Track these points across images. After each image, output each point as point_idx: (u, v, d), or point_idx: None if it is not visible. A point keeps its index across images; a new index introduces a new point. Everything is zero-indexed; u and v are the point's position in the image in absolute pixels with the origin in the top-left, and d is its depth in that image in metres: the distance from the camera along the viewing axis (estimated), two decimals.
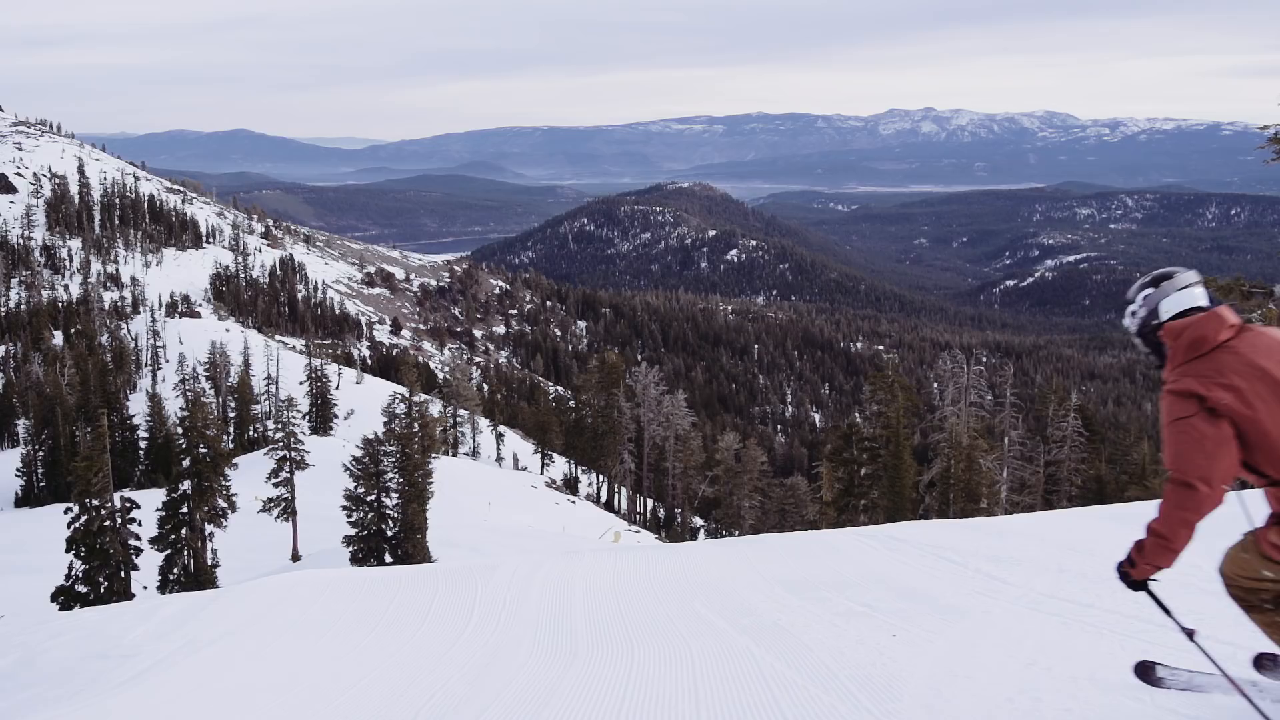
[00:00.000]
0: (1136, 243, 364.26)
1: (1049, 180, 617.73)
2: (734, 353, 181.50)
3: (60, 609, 29.53)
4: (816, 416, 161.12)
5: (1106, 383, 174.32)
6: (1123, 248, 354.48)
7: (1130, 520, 10.41)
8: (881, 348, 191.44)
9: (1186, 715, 4.45)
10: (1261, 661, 4.22)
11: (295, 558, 42.95)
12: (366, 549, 36.40)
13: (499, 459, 78.88)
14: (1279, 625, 3.87)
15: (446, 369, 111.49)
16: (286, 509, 43.47)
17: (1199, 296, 3.74)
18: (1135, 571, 3.94)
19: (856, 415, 67.35)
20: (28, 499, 67.30)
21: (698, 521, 69.38)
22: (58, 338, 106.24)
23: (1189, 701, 4.48)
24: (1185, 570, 4.93)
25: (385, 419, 46.80)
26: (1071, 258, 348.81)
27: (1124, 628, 6.32)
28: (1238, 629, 4.52)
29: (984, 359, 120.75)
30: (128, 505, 32.67)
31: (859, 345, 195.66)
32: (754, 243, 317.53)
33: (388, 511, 37.25)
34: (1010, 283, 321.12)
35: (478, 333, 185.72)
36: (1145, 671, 4.53)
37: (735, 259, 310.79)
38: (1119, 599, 7.10)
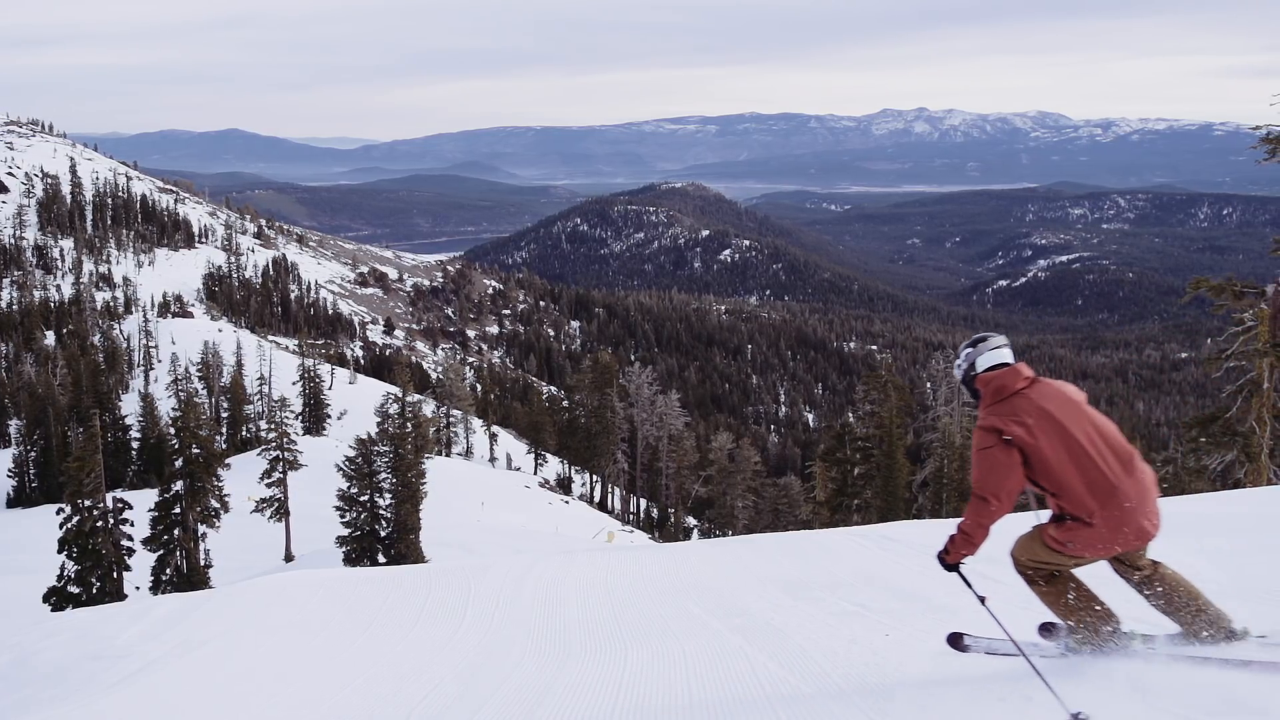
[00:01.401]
0: (1129, 243, 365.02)
1: (1042, 180, 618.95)
2: (727, 353, 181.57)
3: (53, 610, 29.47)
4: (810, 416, 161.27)
5: (1099, 382, 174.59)
6: (1115, 248, 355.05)
7: None
8: (875, 348, 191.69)
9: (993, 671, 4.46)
10: (1043, 629, 5.36)
11: (288, 558, 42.90)
12: (360, 549, 36.38)
13: (492, 459, 78.86)
14: (1051, 596, 5.06)
15: (440, 369, 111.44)
16: (279, 509, 43.43)
17: (1006, 355, 4.92)
18: (949, 558, 5.05)
19: (850, 415, 67.35)
20: (20, 499, 67.15)
21: (691, 521, 69.44)
22: (50, 338, 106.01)
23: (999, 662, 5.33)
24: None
25: (378, 419, 46.81)
26: (1064, 258, 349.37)
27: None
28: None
29: None
30: (120, 506, 32.62)
31: (852, 345, 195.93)
32: (747, 243, 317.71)
33: (381, 512, 37.24)
34: (1003, 283, 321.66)
35: (471, 333, 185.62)
36: (955, 640, 5.54)
37: (728, 259, 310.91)
38: (1115, 598, 7.12)
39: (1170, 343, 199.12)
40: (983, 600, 5.00)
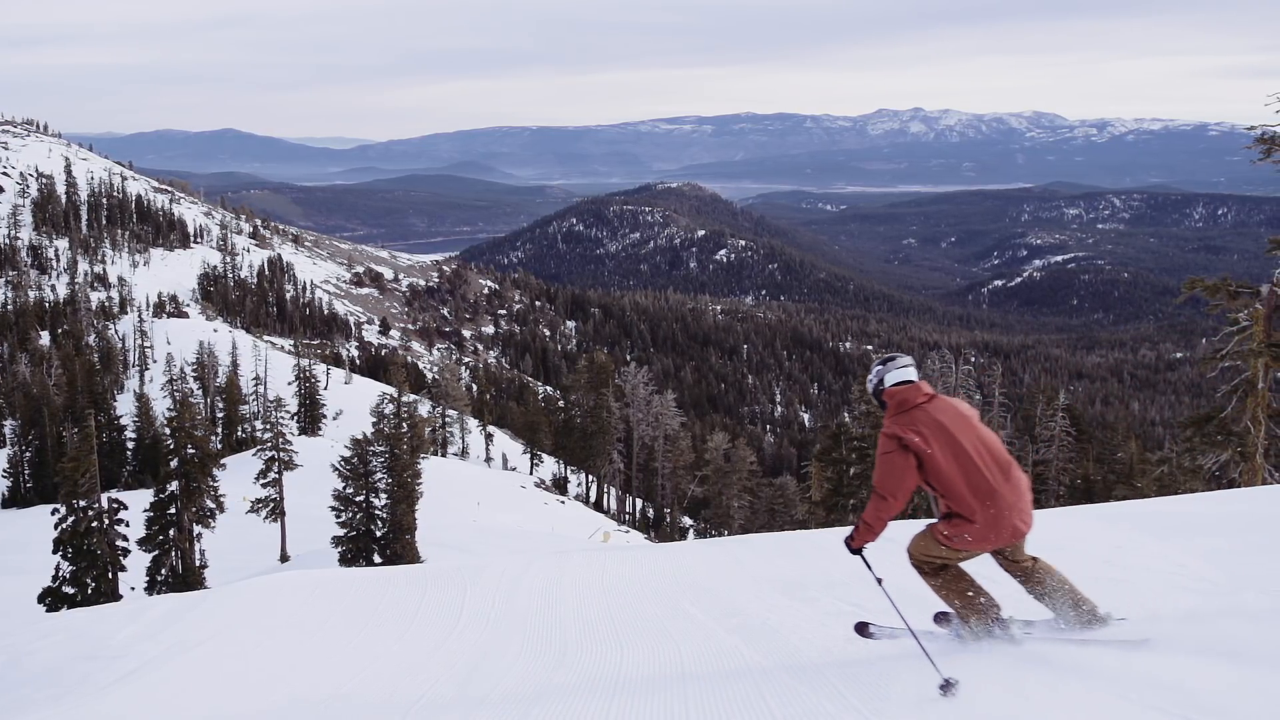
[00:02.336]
0: (1124, 243, 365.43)
1: (1037, 180, 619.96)
2: (723, 353, 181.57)
3: (47, 610, 29.42)
4: (806, 416, 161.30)
5: (1094, 382, 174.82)
6: (1110, 248, 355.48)
7: (1118, 519, 10.44)
8: (870, 348, 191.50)
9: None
10: (938, 618, 6.07)
11: (284, 558, 42.86)
12: (355, 549, 36.35)
13: (488, 459, 78.81)
14: (942, 587, 5.71)
15: (435, 369, 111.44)
16: (275, 509, 43.38)
17: (910, 374, 5.57)
18: (853, 544, 5.75)
19: (845, 415, 67.46)
20: (14, 500, 67.04)
21: (687, 521, 69.43)
22: (44, 338, 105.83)
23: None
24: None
25: (374, 419, 46.79)
26: (1059, 258, 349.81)
27: (1109, 628, 6.33)
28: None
29: (972, 359, 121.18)
30: (115, 506, 32.58)
31: (848, 345, 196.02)
32: (743, 243, 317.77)
33: (376, 512, 37.21)
34: (998, 283, 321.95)
35: (466, 333, 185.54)
36: (861, 629, 6.30)
37: (724, 259, 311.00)
38: (1107, 598, 7.12)
39: (1165, 343, 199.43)
40: (879, 581, 5.80)
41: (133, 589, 34.37)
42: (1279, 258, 20.83)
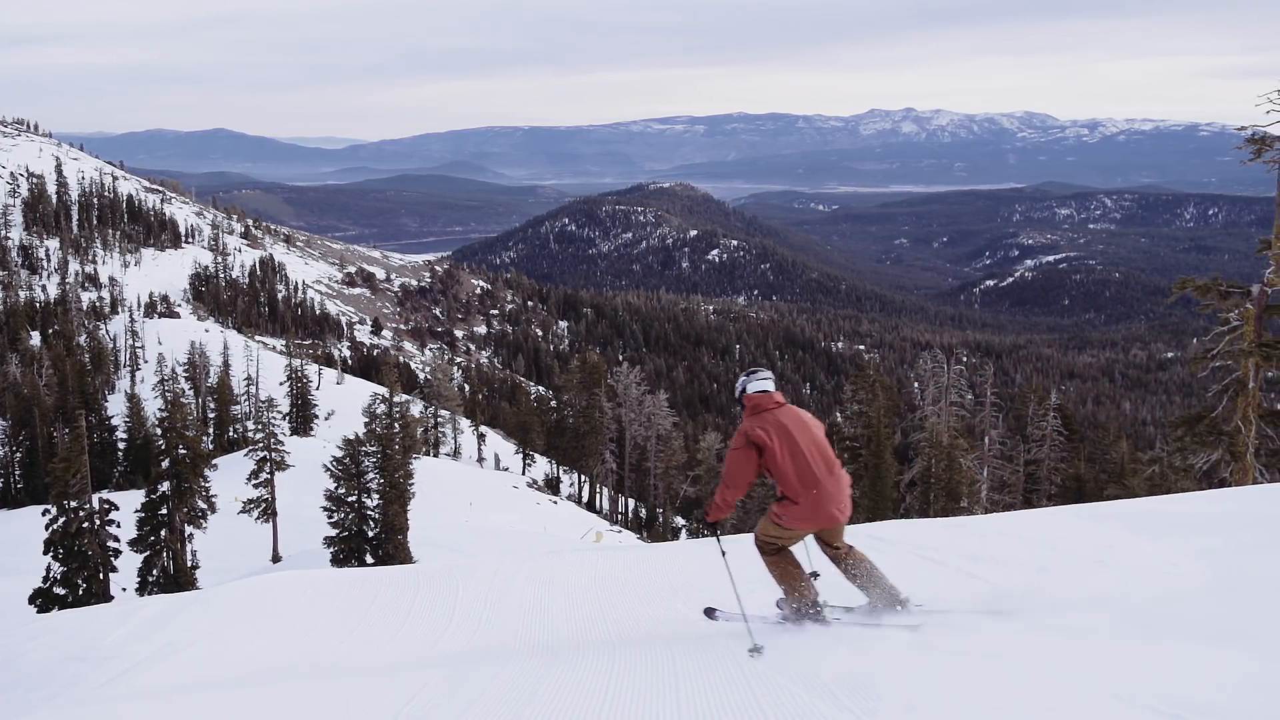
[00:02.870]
0: (1115, 243, 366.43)
1: (1028, 180, 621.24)
2: (715, 352, 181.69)
3: (38, 611, 29.35)
4: None
5: (1086, 382, 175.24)
6: (1102, 248, 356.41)
7: (1109, 519, 10.46)
8: (862, 347, 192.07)
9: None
10: (779, 603, 7.03)
11: (276, 559, 42.80)
12: (347, 550, 36.28)
13: (480, 459, 78.72)
14: (776, 569, 6.87)
15: (427, 369, 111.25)
16: (267, 510, 43.31)
17: (767, 385, 6.80)
18: (708, 518, 7.05)
19: (838, 415, 67.43)
20: (5, 500, 66.90)
21: (679, 521, 69.40)
22: (35, 338, 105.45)
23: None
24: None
25: (366, 419, 46.71)
26: (1051, 258, 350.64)
27: (1100, 626, 6.35)
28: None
29: (964, 359, 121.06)
30: (106, 507, 32.51)
31: (840, 345, 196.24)
32: (735, 243, 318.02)
33: (368, 512, 37.14)
34: (990, 283, 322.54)
35: (459, 333, 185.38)
36: (709, 613, 7.53)
37: (716, 259, 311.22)
38: (1098, 597, 7.14)
39: (1156, 342, 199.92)
40: (724, 554, 7.38)
41: (124, 590, 34.30)
42: (1269, 258, 20.90)
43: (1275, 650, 5.47)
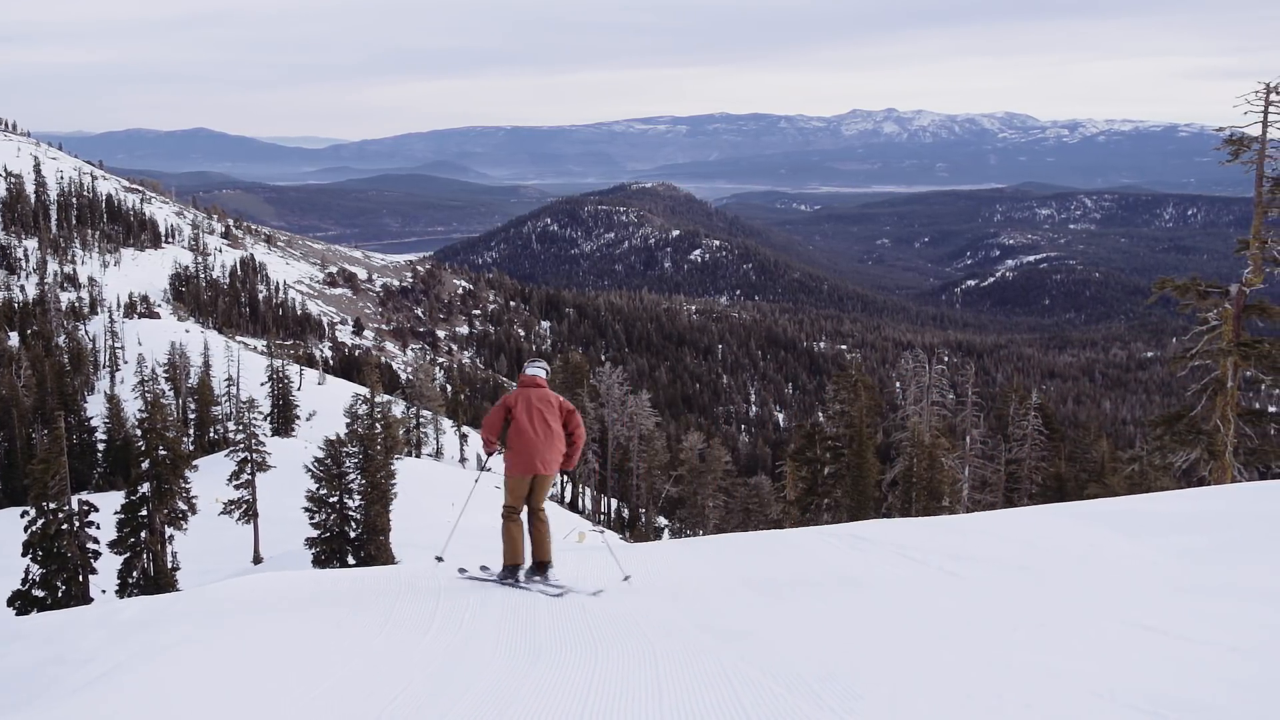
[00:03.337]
0: (1095, 243, 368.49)
1: (1009, 181, 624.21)
2: (698, 353, 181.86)
3: (17, 614, 29.14)
4: (780, 416, 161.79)
5: (1066, 381, 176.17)
6: (1082, 248, 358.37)
7: (1090, 518, 10.50)
8: (844, 347, 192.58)
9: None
10: (481, 567, 10.04)
11: (257, 560, 42.63)
12: (329, 551, 36.17)
13: (463, 460, 78.61)
14: (506, 534, 9.48)
15: (409, 369, 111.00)
16: (248, 511, 43.14)
17: (537, 371, 9.31)
18: (483, 450, 9.53)
19: (820, 415, 67.65)
20: None
21: (662, 521, 69.43)
22: (13, 339, 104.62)
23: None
24: None
25: (347, 420, 46.60)
26: (1031, 258, 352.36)
27: (1082, 625, 6.37)
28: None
29: (946, 358, 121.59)
30: (86, 508, 32.31)
31: (822, 345, 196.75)
32: (717, 243, 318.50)
33: (350, 513, 37.05)
34: (971, 282, 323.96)
35: (441, 333, 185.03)
36: (460, 571, 9.91)
37: (699, 259, 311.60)
38: (1078, 595, 7.16)
39: (1136, 342, 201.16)
40: (476, 481, 11.59)
41: (104, 592, 34.09)
42: (1247, 258, 21.03)
43: (1254, 648, 5.50)
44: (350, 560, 36.03)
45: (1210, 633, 5.82)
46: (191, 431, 79.72)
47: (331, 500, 36.83)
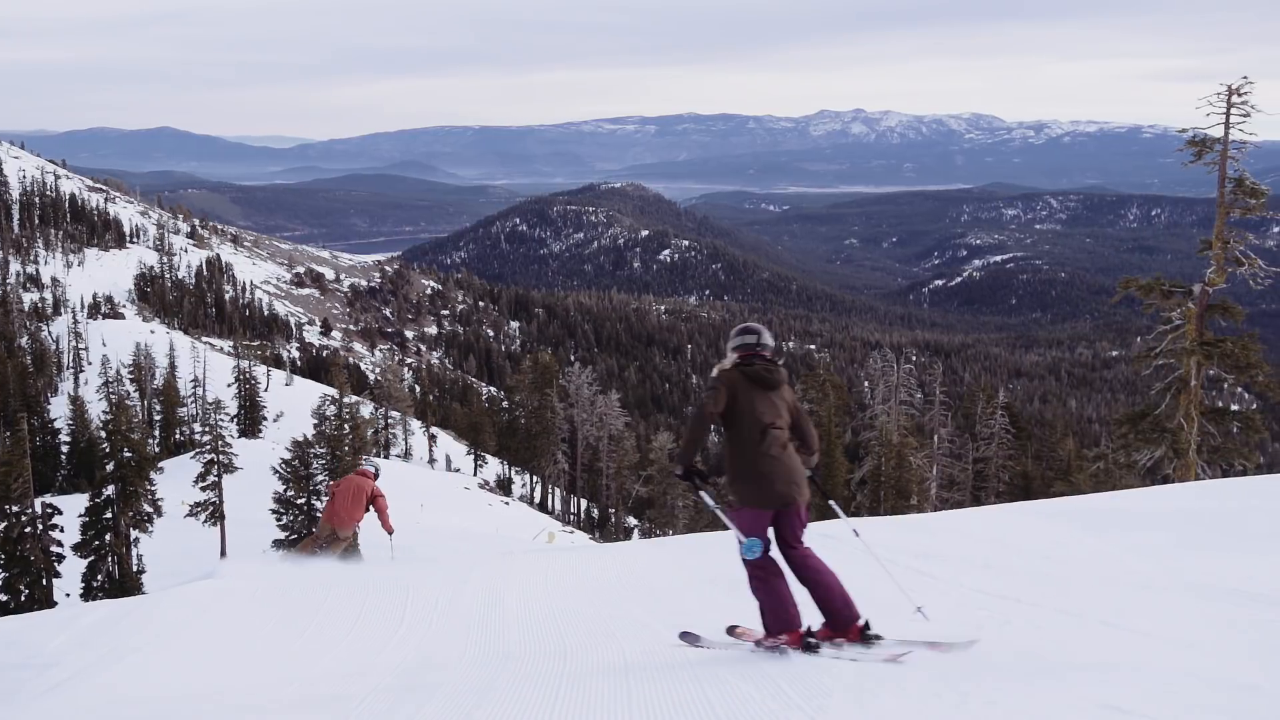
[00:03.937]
0: (1061, 243, 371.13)
1: (976, 181, 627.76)
2: (667, 353, 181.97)
3: None
4: None
5: (1033, 380, 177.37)
6: (1048, 248, 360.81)
7: (1057, 516, 10.59)
8: (813, 347, 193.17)
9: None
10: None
11: None
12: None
13: (431, 461, 78.28)
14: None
15: (377, 370, 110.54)
16: (214, 513, 42.77)
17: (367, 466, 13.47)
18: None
19: None
20: None
21: (632, 521, 69.40)
22: None
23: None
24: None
25: (315, 421, 46.36)
26: (998, 258, 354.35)
27: (1049, 620, 6.43)
28: None
29: (913, 358, 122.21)
30: (49, 511, 31.98)
31: (791, 345, 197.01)
32: (686, 243, 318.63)
33: (318, 515, 36.80)
34: (939, 282, 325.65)
35: (409, 333, 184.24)
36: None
37: (668, 259, 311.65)
38: (1044, 592, 7.23)
39: (1101, 341, 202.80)
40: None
41: (68, 595, 33.74)
42: (1210, 258, 21.27)
43: (1213, 643, 5.57)
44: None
45: (1170, 629, 5.88)
46: (157, 433, 79.00)
47: (299, 502, 36.63)
